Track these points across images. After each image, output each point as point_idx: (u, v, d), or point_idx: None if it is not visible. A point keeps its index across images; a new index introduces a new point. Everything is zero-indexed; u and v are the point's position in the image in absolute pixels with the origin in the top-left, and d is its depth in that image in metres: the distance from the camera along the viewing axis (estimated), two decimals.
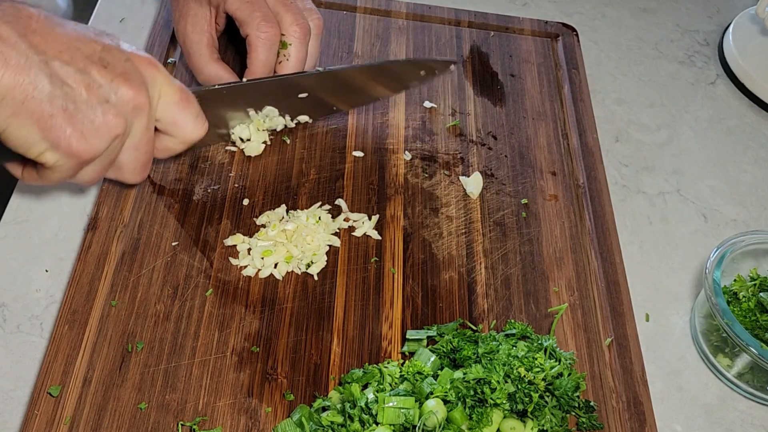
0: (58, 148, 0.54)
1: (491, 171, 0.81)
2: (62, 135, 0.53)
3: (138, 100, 0.57)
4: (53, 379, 0.61)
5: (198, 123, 0.63)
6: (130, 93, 0.56)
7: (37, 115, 0.52)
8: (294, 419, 0.59)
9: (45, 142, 0.53)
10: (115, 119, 0.55)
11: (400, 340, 0.67)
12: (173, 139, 0.64)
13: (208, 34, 0.75)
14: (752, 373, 0.70)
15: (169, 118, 0.62)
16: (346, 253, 0.72)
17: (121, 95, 0.56)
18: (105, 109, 0.55)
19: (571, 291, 0.73)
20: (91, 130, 0.54)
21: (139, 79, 0.57)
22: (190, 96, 0.63)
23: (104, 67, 0.55)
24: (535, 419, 0.59)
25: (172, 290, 0.67)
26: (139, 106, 0.57)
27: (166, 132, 0.63)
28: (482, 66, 0.92)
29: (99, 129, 0.55)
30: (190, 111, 0.62)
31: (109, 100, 0.55)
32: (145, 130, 0.59)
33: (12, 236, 0.72)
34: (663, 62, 1.02)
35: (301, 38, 0.75)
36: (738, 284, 0.73)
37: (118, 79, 0.55)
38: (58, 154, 0.55)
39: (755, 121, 0.97)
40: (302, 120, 0.80)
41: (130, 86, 0.56)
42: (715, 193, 0.88)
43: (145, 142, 0.60)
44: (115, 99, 0.55)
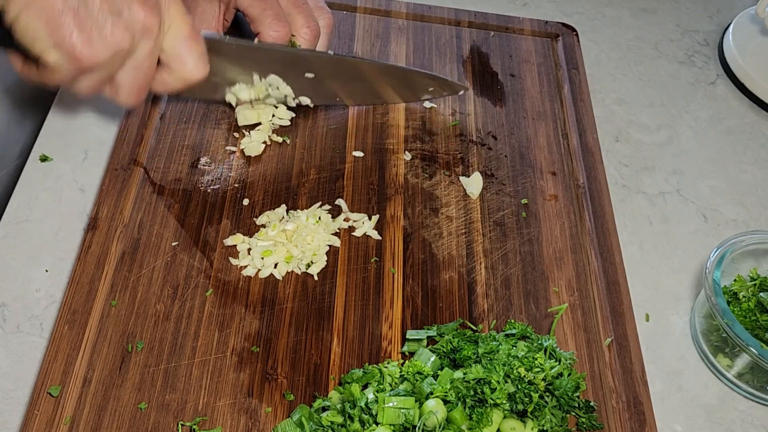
0: (62, 48, 0.55)
1: (491, 171, 0.81)
2: (68, 35, 0.54)
3: (149, 21, 0.57)
4: (53, 379, 0.61)
5: (200, 63, 0.64)
6: (143, 13, 0.57)
7: (48, 11, 0.53)
8: (294, 419, 0.59)
9: (50, 39, 0.54)
10: (122, 33, 0.56)
11: (400, 340, 0.67)
12: (173, 74, 0.64)
13: (215, 30, 0.75)
14: (752, 373, 0.70)
15: (174, 50, 0.62)
16: (346, 253, 0.72)
17: (134, 13, 0.56)
18: (115, 21, 0.55)
19: (571, 291, 0.73)
20: (98, 37, 0.55)
21: (154, 3, 0.58)
22: (199, 36, 0.63)
23: None
24: (535, 419, 0.59)
25: (172, 290, 0.67)
26: (148, 28, 0.58)
27: (167, 64, 0.63)
28: (482, 66, 0.92)
29: (105, 39, 0.55)
30: (195, 49, 0.63)
31: (121, 13, 0.56)
32: (149, 53, 0.60)
33: (12, 236, 0.72)
34: (663, 62, 1.02)
35: (310, 40, 0.76)
36: (738, 284, 0.73)
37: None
38: (60, 54, 0.55)
39: (755, 121, 0.97)
40: (303, 101, 0.80)
41: (144, 6, 0.57)
42: (715, 193, 0.88)
43: (147, 66, 0.61)
44: (127, 15, 0.56)
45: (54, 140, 0.80)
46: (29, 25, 0.54)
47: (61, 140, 0.80)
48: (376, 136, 0.82)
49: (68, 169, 0.78)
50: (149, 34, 0.58)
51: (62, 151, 0.79)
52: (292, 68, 0.76)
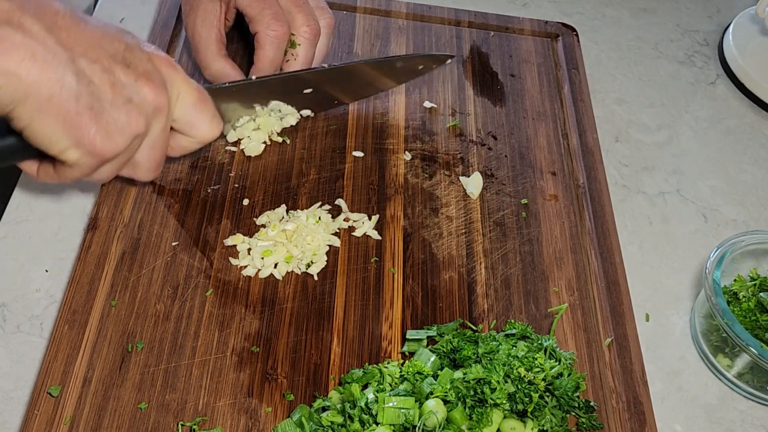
0: (81, 146, 0.54)
1: (491, 171, 0.81)
2: (87, 133, 0.53)
3: (159, 100, 0.57)
4: (53, 379, 0.61)
5: (214, 123, 0.64)
6: (152, 94, 0.57)
7: (63, 113, 0.52)
8: (294, 419, 0.59)
9: (69, 140, 0.53)
10: (137, 119, 0.56)
11: (400, 340, 0.67)
12: (189, 139, 0.65)
13: (216, 30, 0.75)
14: (752, 373, 0.70)
15: (186, 118, 0.62)
16: (346, 253, 0.72)
17: (144, 95, 0.56)
18: (128, 108, 0.55)
19: (571, 291, 0.73)
20: (115, 129, 0.55)
21: (160, 80, 0.58)
22: (207, 97, 0.63)
23: (127, 67, 0.55)
24: (535, 419, 0.59)
25: (172, 290, 0.67)
26: (159, 107, 0.58)
27: (182, 132, 0.64)
28: (482, 66, 0.92)
29: (122, 128, 0.55)
30: (207, 112, 0.63)
31: (132, 99, 0.55)
32: (162, 129, 0.60)
33: (12, 236, 0.72)
34: (663, 62, 1.02)
35: (310, 39, 0.75)
36: (738, 284, 0.73)
37: (141, 79, 0.56)
38: (81, 152, 0.55)
39: (755, 121, 0.97)
40: (304, 114, 0.80)
41: (152, 87, 0.57)
42: (715, 193, 0.88)
43: (162, 141, 0.61)
44: (138, 99, 0.56)
45: None
46: (44, 129, 0.52)
47: None
48: (376, 136, 0.82)
49: None
50: (161, 112, 0.58)
51: None
52: (290, 90, 0.76)
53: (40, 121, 0.52)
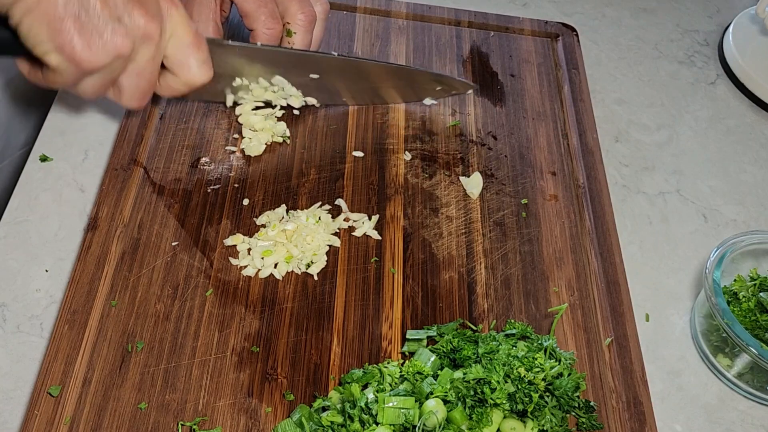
0: (62, 52, 0.56)
1: (491, 171, 0.81)
2: (68, 40, 0.55)
3: (149, 28, 0.58)
4: (53, 379, 0.61)
5: (203, 69, 0.65)
6: (143, 20, 0.58)
7: (49, 16, 0.54)
8: (294, 419, 0.59)
9: (50, 43, 0.55)
10: (122, 39, 0.57)
11: (400, 340, 0.67)
12: (176, 79, 0.65)
13: (213, 23, 0.75)
14: (752, 373, 0.70)
15: (177, 57, 0.63)
16: (346, 253, 0.72)
17: (135, 19, 0.57)
18: (115, 27, 0.56)
19: (571, 291, 0.73)
20: (97, 42, 0.56)
21: (155, 10, 0.59)
22: (202, 41, 0.64)
23: None
24: (535, 419, 0.59)
25: (172, 290, 0.67)
26: (148, 35, 0.59)
27: (171, 70, 0.64)
28: (482, 66, 0.92)
29: (105, 44, 0.56)
30: (198, 55, 0.64)
31: (121, 20, 0.57)
32: (150, 59, 0.60)
33: (12, 236, 0.72)
34: (663, 62, 1.02)
35: (306, 26, 0.76)
36: (738, 284, 0.73)
37: (135, 4, 0.57)
38: (61, 58, 0.56)
39: (755, 121, 0.97)
40: (310, 102, 0.80)
41: (144, 13, 0.58)
42: (715, 193, 0.88)
43: (149, 72, 0.62)
44: (128, 21, 0.57)
45: (54, 140, 0.80)
46: (31, 29, 0.55)
47: (61, 140, 0.80)
48: (376, 136, 0.82)
49: (68, 169, 0.78)
50: (150, 40, 0.59)
51: (62, 151, 0.79)
52: (296, 69, 0.76)
53: (28, 21, 0.54)
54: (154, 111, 0.80)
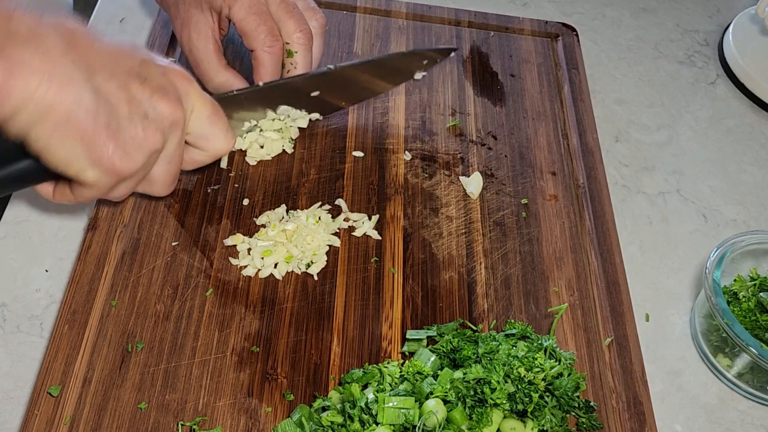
0: (100, 165, 0.53)
1: (491, 171, 0.81)
2: (105, 152, 0.52)
3: (175, 115, 0.56)
4: (53, 379, 0.61)
5: (228, 137, 0.63)
6: (168, 108, 0.56)
7: (81, 132, 0.51)
8: (294, 419, 0.59)
9: (87, 160, 0.52)
10: (154, 135, 0.55)
11: (400, 340, 0.67)
12: (202, 153, 0.63)
13: (213, 41, 0.74)
14: (752, 373, 0.70)
15: (201, 132, 0.61)
16: (346, 253, 0.72)
17: (160, 110, 0.55)
18: (145, 124, 0.54)
19: (571, 291, 0.73)
20: (133, 146, 0.54)
21: (175, 94, 0.57)
22: (220, 110, 0.62)
23: (143, 82, 0.54)
24: (535, 419, 0.59)
25: (172, 290, 0.67)
26: (175, 121, 0.57)
27: (195, 145, 0.63)
28: (482, 66, 0.92)
29: (140, 145, 0.54)
30: (220, 125, 0.62)
31: (148, 115, 0.54)
32: (178, 144, 0.59)
33: (12, 236, 0.72)
34: (663, 62, 1.02)
35: (305, 44, 0.75)
36: (738, 284, 0.73)
37: (157, 94, 0.55)
38: (99, 171, 0.54)
39: (755, 121, 0.97)
40: (314, 117, 0.80)
41: (168, 102, 0.56)
42: (715, 193, 0.88)
43: (178, 156, 0.60)
44: (154, 114, 0.55)
45: None
46: (62, 149, 0.51)
47: None
48: (376, 136, 0.82)
49: None
50: (177, 126, 0.57)
51: None
52: (298, 94, 0.76)
53: (57, 141, 0.51)
54: None
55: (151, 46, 0.85)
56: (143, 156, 0.55)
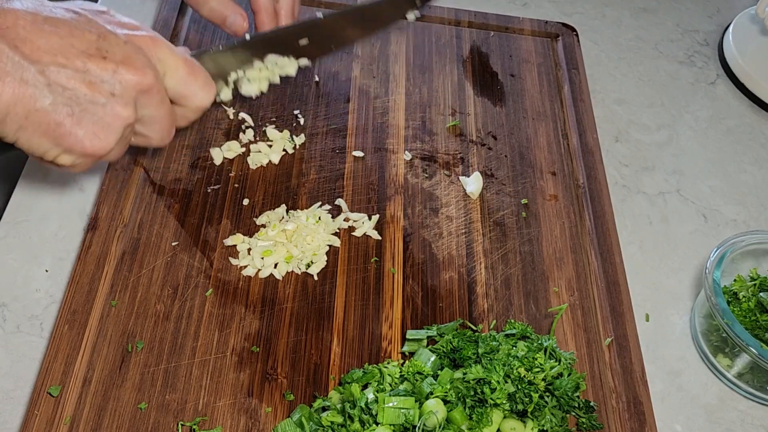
0: (72, 152, 0.54)
1: (491, 171, 0.81)
2: (74, 140, 0.53)
3: (144, 82, 0.55)
4: (53, 379, 0.61)
5: (207, 91, 0.62)
6: (135, 78, 0.54)
7: (44, 126, 0.52)
8: (294, 419, 0.59)
9: (57, 149, 0.53)
10: (123, 109, 0.54)
11: (400, 340, 0.67)
12: (185, 108, 0.63)
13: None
14: (752, 373, 0.70)
15: (178, 90, 0.60)
16: (346, 253, 0.72)
17: (126, 82, 0.54)
18: (112, 102, 0.54)
19: (571, 291, 0.73)
20: (102, 127, 0.54)
21: (142, 60, 0.55)
22: (196, 66, 0.61)
23: (104, 58, 0.53)
24: (535, 419, 0.59)
25: (172, 290, 0.67)
26: (145, 89, 0.55)
27: (177, 103, 0.62)
28: (482, 66, 0.92)
29: (109, 124, 0.54)
30: (198, 82, 0.61)
31: (114, 92, 0.54)
32: (159, 105, 0.58)
33: (12, 236, 0.72)
34: (663, 62, 1.02)
35: None
36: (738, 284, 0.73)
37: (121, 67, 0.54)
38: (74, 156, 0.55)
39: (755, 121, 0.97)
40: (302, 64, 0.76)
41: (133, 71, 0.54)
42: (715, 193, 0.88)
43: (163, 114, 0.59)
44: (120, 88, 0.54)
45: None
46: (31, 142, 0.53)
47: None
48: (376, 136, 0.82)
49: None
50: (149, 91, 0.56)
51: None
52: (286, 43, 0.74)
53: (24, 137, 0.52)
54: None
55: None
56: (115, 133, 0.55)
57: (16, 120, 0.51)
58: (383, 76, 0.88)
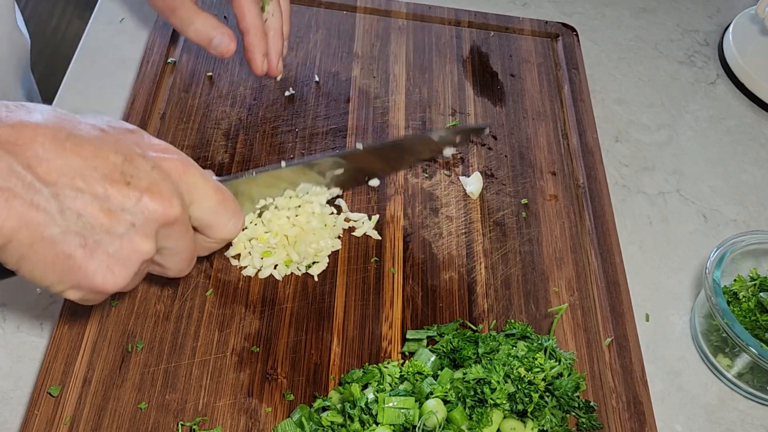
0: (80, 288, 0.48)
1: (491, 171, 0.81)
2: (83, 275, 0.46)
3: (168, 213, 0.48)
4: (53, 379, 0.61)
5: (235, 222, 0.55)
6: (160, 208, 0.48)
7: (51, 257, 0.45)
8: (294, 419, 0.59)
9: (63, 284, 0.47)
10: (143, 242, 0.48)
11: (400, 340, 0.67)
12: (209, 240, 0.56)
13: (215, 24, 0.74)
14: (752, 373, 0.70)
15: (205, 221, 0.54)
16: (346, 253, 0.72)
17: (150, 212, 0.48)
18: (131, 233, 0.47)
19: (571, 291, 0.73)
20: (117, 260, 0.47)
21: (169, 189, 0.49)
22: (227, 195, 0.55)
23: (127, 184, 0.47)
24: (535, 419, 0.59)
25: (172, 290, 0.67)
26: (170, 220, 0.49)
27: (202, 232, 0.55)
28: (482, 66, 0.92)
29: (126, 258, 0.48)
30: (227, 213, 0.54)
31: (135, 223, 0.47)
32: (182, 237, 0.51)
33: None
34: (663, 62, 1.02)
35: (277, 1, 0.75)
36: (738, 284, 0.73)
37: (145, 195, 0.47)
38: (82, 292, 0.48)
39: (755, 121, 0.97)
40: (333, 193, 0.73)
41: (159, 201, 0.48)
42: (715, 193, 0.88)
43: (185, 246, 0.53)
44: (142, 219, 0.47)
45: None
46: (34, 273, 0.46)
47: None
48: (376, 136, 0.82)
49: None
50: (173, 223, 0.49)
51: None
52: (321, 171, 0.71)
53: (27, 266, 0.45)
54: (155, 111, 0.80)
55: (152, 46, 0.85)
56: (131, 268, 0.48)
57: (18, 249, 0.44)
58: (383, 76, 0.88)
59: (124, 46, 0.90)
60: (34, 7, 1.18)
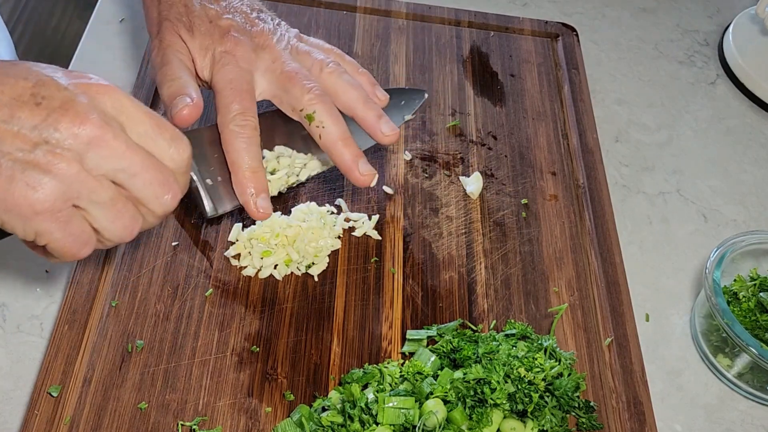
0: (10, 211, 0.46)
1: (491, 171, 0.81)
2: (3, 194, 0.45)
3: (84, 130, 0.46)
4: (53, 379, 0.61)
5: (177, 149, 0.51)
6: (72, 125, 0.46)
7: None
8: (294, 419, 0.59)
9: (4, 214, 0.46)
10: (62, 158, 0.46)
11: (400, 340, 0.67)
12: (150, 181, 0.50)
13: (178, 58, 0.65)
14: (752, 373, 0.70)
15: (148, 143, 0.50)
16: (346, 253, 0.72)
17: (63, 130, 0.45)
18: (45, 151, 0.45)
19: (571, 291, 0.73)
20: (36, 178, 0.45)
21: (86, 107, 0.46)
22: (161, 119, 0.51)
23: (37, 105, 0.45)
24: (535, 419, 0.59)
25: (172, 290, 0.67)
26: (90, 139, 0.46)
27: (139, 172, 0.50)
28: (482, 66, 0.92)
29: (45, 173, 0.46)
30: (164, 137, 0.51)
31: (49, 140, 0.45)
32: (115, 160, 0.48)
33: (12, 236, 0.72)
34: (663, 62, 1.02)
35: (321, 102, 0.66)
36: (738, 284, 0.73)
37: (56, 113, 0.45)
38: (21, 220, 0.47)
39: (755, 121, 0.97)
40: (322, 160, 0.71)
41: (72, 116, 0.45)
42: (715, 193, 0.88)
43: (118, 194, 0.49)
44: (57, 136, 0.45)
45: None
46: None
47: None
48: None
49: None
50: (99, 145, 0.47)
51: None
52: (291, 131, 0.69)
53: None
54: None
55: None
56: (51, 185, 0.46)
57: None
58: (383, 76, 0.88)
59: (124, 46, 0.90)
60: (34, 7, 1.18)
